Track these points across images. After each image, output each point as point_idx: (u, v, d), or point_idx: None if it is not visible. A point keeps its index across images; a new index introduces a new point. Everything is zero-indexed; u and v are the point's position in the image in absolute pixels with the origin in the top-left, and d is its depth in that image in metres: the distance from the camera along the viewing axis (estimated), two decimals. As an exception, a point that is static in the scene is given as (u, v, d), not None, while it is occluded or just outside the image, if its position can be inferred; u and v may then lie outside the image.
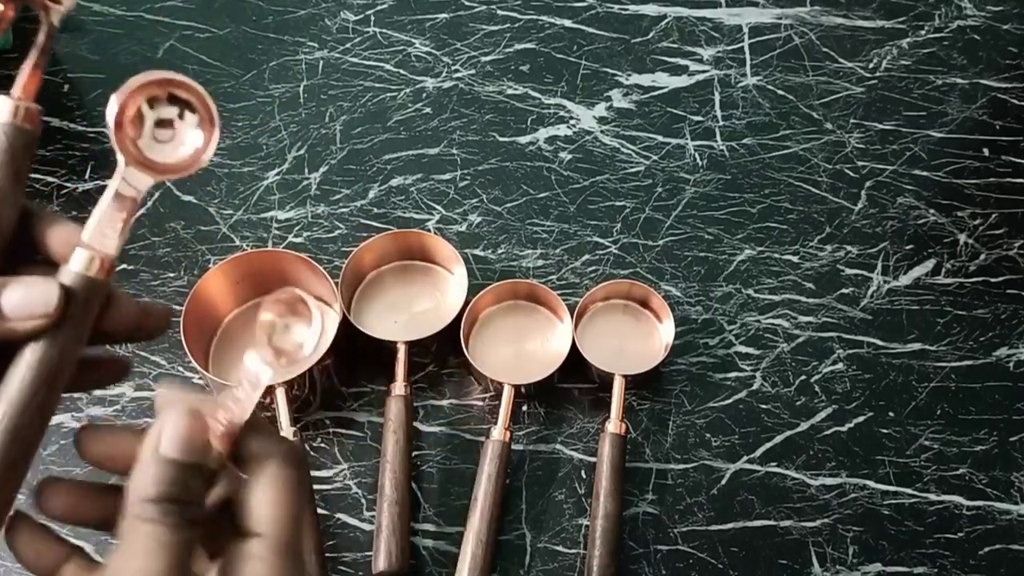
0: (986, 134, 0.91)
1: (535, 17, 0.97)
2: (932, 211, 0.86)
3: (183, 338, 0.69)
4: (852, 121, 0.91)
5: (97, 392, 0.73)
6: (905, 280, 0.82)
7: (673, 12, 0.98)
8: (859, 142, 0.89)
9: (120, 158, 0.32)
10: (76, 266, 0.32)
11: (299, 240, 0.82)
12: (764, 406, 0.75)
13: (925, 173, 0.88)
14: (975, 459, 0.73)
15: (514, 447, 0.72)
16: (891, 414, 0.75)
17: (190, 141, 0.34)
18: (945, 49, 0.96)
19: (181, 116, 0.34)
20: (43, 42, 0.35)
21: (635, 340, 0.77)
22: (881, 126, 0.91)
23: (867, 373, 0.77)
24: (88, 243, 0.32)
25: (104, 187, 0.34)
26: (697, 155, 0.88)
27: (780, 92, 0.92)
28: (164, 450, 0.30)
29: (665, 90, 0.92)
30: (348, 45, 0.94)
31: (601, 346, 0.75)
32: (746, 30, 0.97)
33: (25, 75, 0.34)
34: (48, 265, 0.33)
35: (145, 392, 0.74)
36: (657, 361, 0.73)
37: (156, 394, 0.32)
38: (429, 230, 0.82)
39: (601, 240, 0.83)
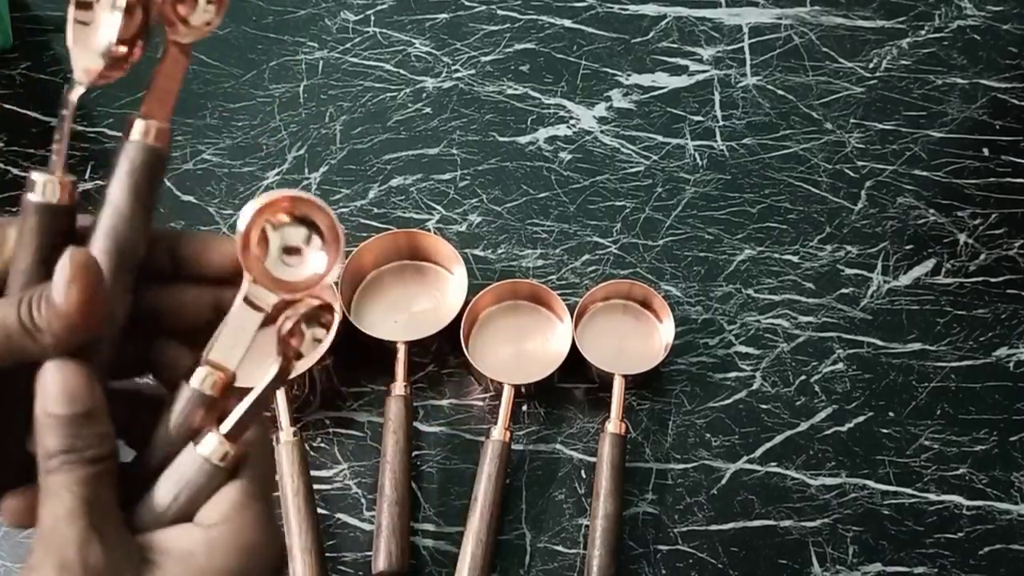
0: (986, 134, 0.91)
1: (535, 17, 0.97)
2: (932, 211, 0.86)
3: (183, 338, 0.69)
4: (852, 121, 0.91)
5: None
6: (905, 280, 0.82)
7: (673, 12, 0.98)
8: (859, 142, 0.89)
9: (246, 276, 0.33)
10: (195, 383, 0.34)
11: (299, 240, 0.82)
12: (764, 406, 0.75)
13: (925, 173, 0.88)
14: (975, 459, 0.73)
15: (514, 447, 0.72)
16: (891, 414, 0.75)
17: (313, 263, 0.34)
18: (945, 49, 0.96)
19: (308, 240, 0.34)
20: (169, 67, 0.35)
21: (635, 340, 0.77)
22: (881, 126, 0.91)
23: (867, 373, 0.77)
24: (211, 359, 0.34)
25: (104, 186, 0.35)
26: (697, 155, 0.88)
27: (780, 92, 0.92)
28: (49, 408, 0.31)
29: (665, 90, 0.92)
30: (348, 45, 0.94)
31: (601, 346, 0.75)
32: (746, 30, 0.97)
33: (156, 94, 0.35)
34: (206, 284, 0.35)
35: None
36: (657, 361, 0.73)
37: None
38: (429, 230, 0.82)
39: (601, 240, 0.83)
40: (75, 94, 0.35)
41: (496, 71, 0.93)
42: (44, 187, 0.33)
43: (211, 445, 0.33)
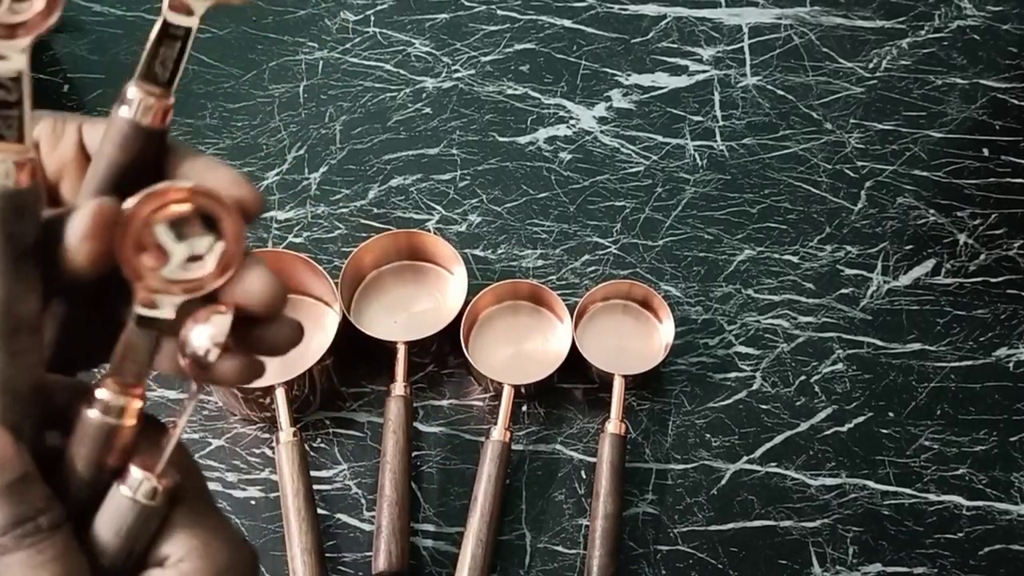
0: (986, 134, 0.91)
1: (535, 17, 0.97)
2: (932, 211, 0.86)
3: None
4: (852, 121, 0.91)
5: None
6: (905, 280, 0.82)
7: (673, 12, 0.98)
8: (859, 142, 0.89)
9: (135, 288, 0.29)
10: (98, 414, 0.29)
11: (299, 240, 0.82)
12: (764, 406, 0.75)
13: (925, 173, 0.88)
14: (975, 459, 0.73)
15: (514, 447, 0.72)
16: (891, 414, 0.75)
17: (213, 258, 0.30)
18: (945, 49, 0.96)
19: (204, 237, 0.30)
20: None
21: (635, 340, 0.77)
22: (881, 126, 0.91)
23: (867, 373, 0.77)
24: (113, 384, 0.30)
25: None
26: (697, 155, 0.88)
27: (780, 92, 0.92)
28: None
29: (665, 90, 0.92)
30: (348, 45, 0.94)
31: (601, 346, 0.75)
32: (746, 30, 0.97)
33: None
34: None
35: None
36: (657, 361, 0.73)
37: None
38: (429, 230, 0.82)
39: (601, 240, 0.83)
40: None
41: (496, 71, 0.93)
42: (138, 106, 0.30)
43: (138, 485, 0.29)
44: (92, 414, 0.29)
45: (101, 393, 0.30)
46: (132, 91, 0.30)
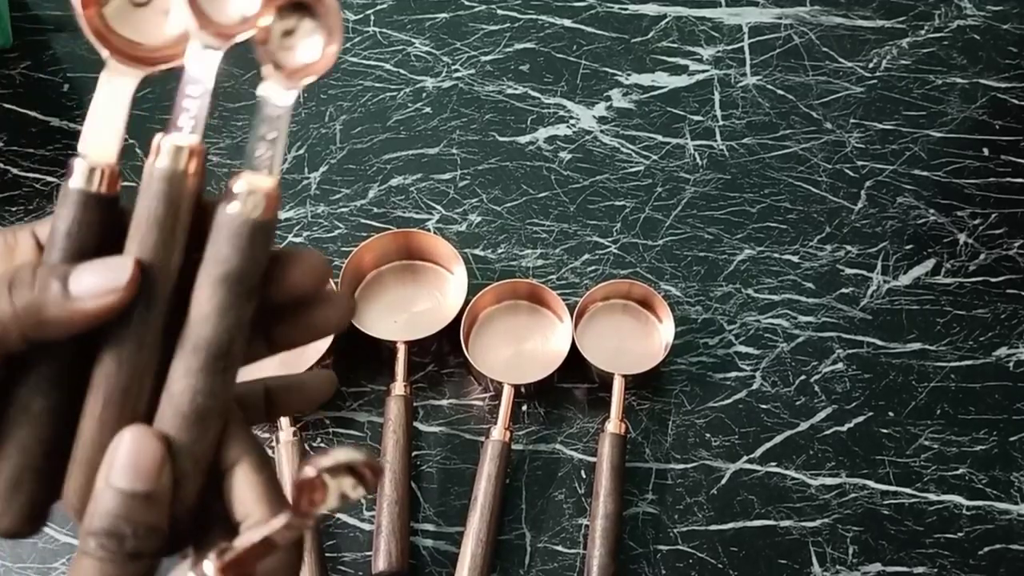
0: (986, 134, 0.91)
1: (535, 17, 0.97)
2: (932, 211, 0.86)
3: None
4: (852, 121, 0.91)
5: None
6: (905, 280, 0.82)
7: (673, 12, 0.98)
8: (859, 142, 0.89)
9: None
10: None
11: (299, 240, 0.82)
12: (764, 406, 0.75)
13: (925, 173, 0.88)
14: (975, 459, 0.73)
15: (514, 447, 0.72)
16: (891, 414, 0.75)
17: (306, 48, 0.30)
18: (945, 49, 0.96)
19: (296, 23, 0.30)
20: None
21: (635, 340, 0.77)
22: (881, 126, 0.91)
23: (867, 373, 0.77)
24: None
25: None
26: (697, 155, 0.88)
27: (780, 92, 0.92)
28: (112, 479, 0.29)
29: (665, 90, 0.92)
30: (348, 45, 0.94)
31: (601, 346, 0.75)
32: (746, 30, 0.97)
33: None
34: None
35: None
36: (657, 361, 0.73)
37: None
38: (429, 230, 0.82)
39: (601, 240, 0.83)
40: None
41: (496, 71, 0.93)
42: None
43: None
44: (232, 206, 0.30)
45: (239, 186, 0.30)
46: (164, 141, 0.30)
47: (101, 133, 0.31)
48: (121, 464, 0.29)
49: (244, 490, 0.30)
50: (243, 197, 0.30)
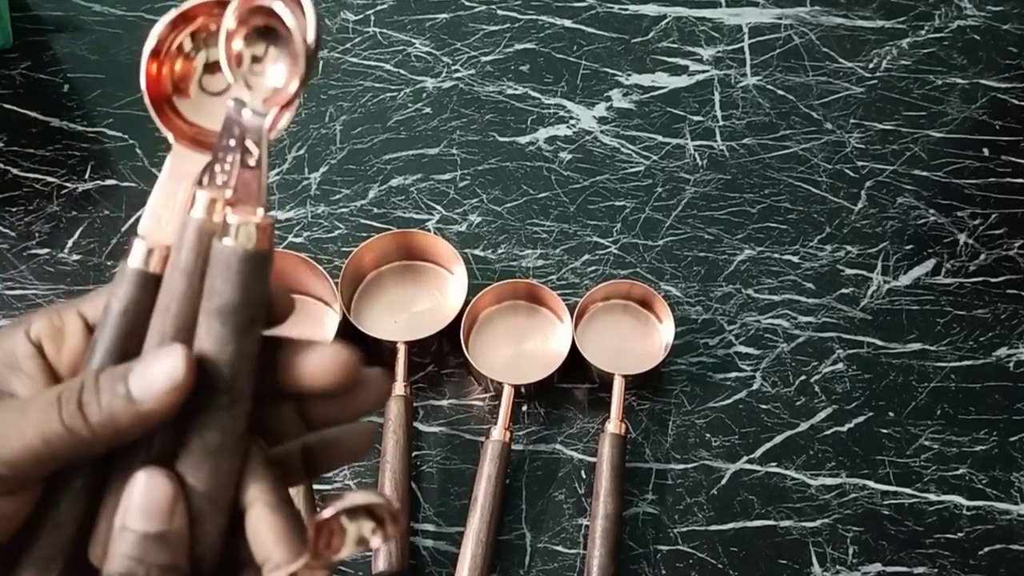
0: (986, 134, 0.91)
1: (535, 17, 0.97)
2: (932, 211, 0.86)
3: (183, 338, 0.69)
4: (852, 121, 0.91)
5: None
6: (905, 280, 0.82)
7: (673, 12, 0.98)
8: (859, 142, 0.89)
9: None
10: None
11: (299, 240, 0.82)
12: (764, 406, 0.75)
13: (925, 173, 0.88)
14: (975, 459, 0.73)
15: (514, 447, 0.72)
16: (891, 414, 0.75)
17: (273, 76, 0.29)
18: (945, 49, 0.96)
19: (264, 51, 0.29)
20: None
21: (635, 340, 0.77)
22: (881, 126, 0.91)
23: (867, 373, 0.77)
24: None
25: (104, 187, 0.34)
26: (697, 155, 0.88)
27: (780, 92, 0.92)
28: (127, 521, 0.28)
29: (665, 90, 0.92)
30: (348, 45, 0.94)
31: (601, 346, 0.75)
32: (746, 30, 0.97)
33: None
34: None
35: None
36: (657, 361, 0.73)
37: None
38: (429, 230, 0.82)
39: (601, 240, 0.83)
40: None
41: (496, 71, 0.93)
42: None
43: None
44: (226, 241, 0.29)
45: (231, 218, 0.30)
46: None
47: (161, 215, 0.31)
48: (135, 505, 0.28)
49: (263, 531, 0.30)
50: (234, 229, 0.29)
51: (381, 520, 0.29)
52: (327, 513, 0.28)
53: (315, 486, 0.69)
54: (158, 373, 0.28)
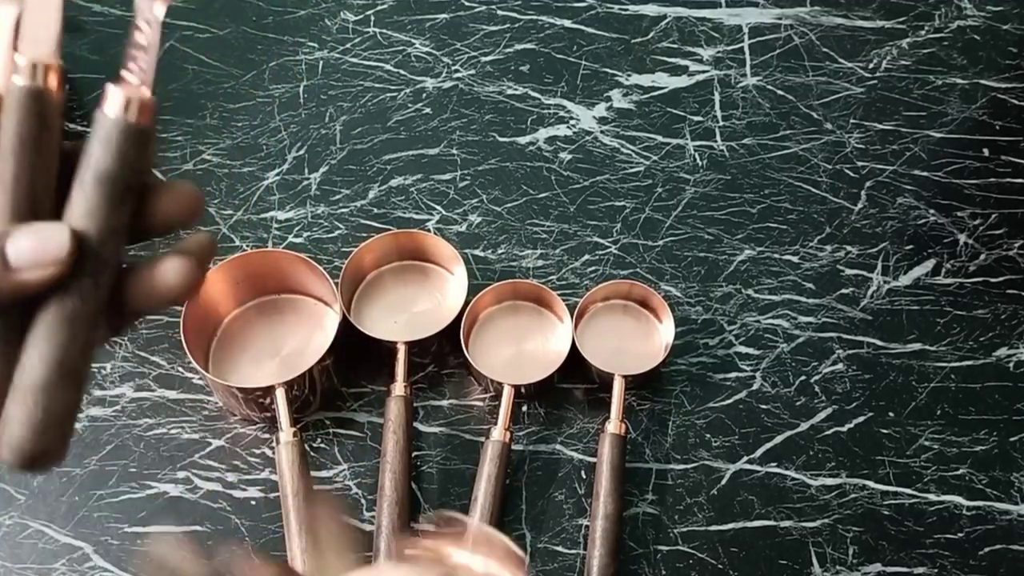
0: (986, 134, 0.91)
1: (535, 17, 0.97)
2: (932, 211, 0.86)
3: (183, 338, 0.69)
4: (852, 121, 0.91)
5: (97, 392, 0.73)
6: (905, 280, 0.82)
7: (673, 12, 0.98)
8: (859, 142, 0.89)
9: None
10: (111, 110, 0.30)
11: (299, 240, 0.82)
12: (764, 406, 0.75)
13: (925, 173, 0.88)
14: (975, 459, 0.73)
15: (514, 447, 0.72)
16: (891, 414, 0.75)
17: None
18: (945, 49, 0.96)
19: None
20: None
21: (635, 340, 0.77)
22: (881, 126, 0.91)
23: (867, 373, 0.77)
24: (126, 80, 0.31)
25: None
26: (697, 155, 0.88)
27: (780, 92, 0.92)
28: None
29: (665, 90, 0.92)
30: (348, 45, 0.94)
31: (601, 346, 0.75)
32: (746, 30, 0.97)
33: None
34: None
35: (145, 392, 0.74)
36: (657, 361, 0.73)
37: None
38: (429, 230, 0.82)
39: (601, 240, 0.83)
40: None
41: (496, 71, 0.93)
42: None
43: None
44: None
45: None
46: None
47: (37, 30, 0.31)
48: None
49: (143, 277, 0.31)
50: (116, 102, 0.30)
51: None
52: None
53: (315, 486, 0.69)
54: (39, 244, 0.28)
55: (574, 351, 0.73)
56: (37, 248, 0.28)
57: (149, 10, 0.31)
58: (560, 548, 0.69)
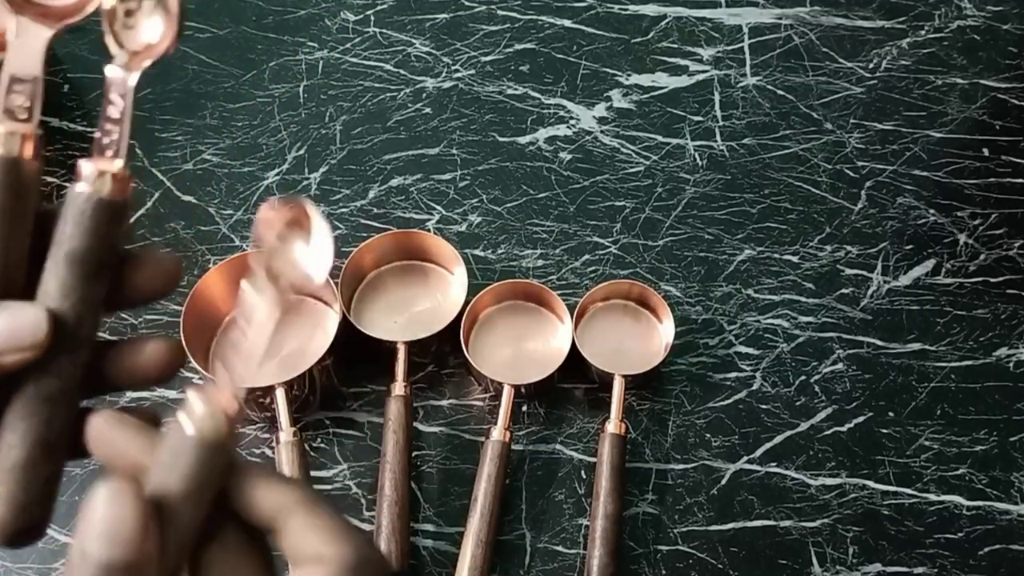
0: (986, 134, 0.91)
1: (535, 17, 0.97)
2: (932, 211, 0.86)
3: (183, 338, 0.69)
4: (852, 121, 0.91)
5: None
6: (905, 280, 0.82)
7: (673, 12, 0.98)
8: (859, 142, 0.89)
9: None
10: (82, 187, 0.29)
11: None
12: (764, 406, 0.75)
13: (925, 173, 0.88)
14: (975, 459, 0.73)
15: (514, 447, 0.72)
16: (891, 414, 0.75)
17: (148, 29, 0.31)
18: (945, 49, 0.96)
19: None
20: None
21: (635, 340, 0.77)
22: (881, 126, 0.91)
23: (867, 373, 0.77)
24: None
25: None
26: (697, 155, 0.88)
27: (780, 92, 0.92)
28: (87, 548, 0.25)
29: (665, 90, 0.92)
30: (348, 45, 0.94)
31: (601, 346, 0.75)
32: (746, 30, 0.97)
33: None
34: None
35: (145, 392, 0.74)
36: (657, 361, 0.73)
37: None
38: (429, 230, 0.82)
39: (601, 240, 0.83)
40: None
41: (496, 71, 0.93)
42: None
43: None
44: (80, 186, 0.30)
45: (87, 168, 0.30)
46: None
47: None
48: (94, 526, 0.26)
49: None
50: (90, 177, 0.30)
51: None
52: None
53: (315, 486, 0.69)
54: (21, 328, 0.28)
55: (574, 351, 0.73)
56: (13, 331, 0.28)
57: (123, 83, 0.31)
58: (560, 548, 0.69)
